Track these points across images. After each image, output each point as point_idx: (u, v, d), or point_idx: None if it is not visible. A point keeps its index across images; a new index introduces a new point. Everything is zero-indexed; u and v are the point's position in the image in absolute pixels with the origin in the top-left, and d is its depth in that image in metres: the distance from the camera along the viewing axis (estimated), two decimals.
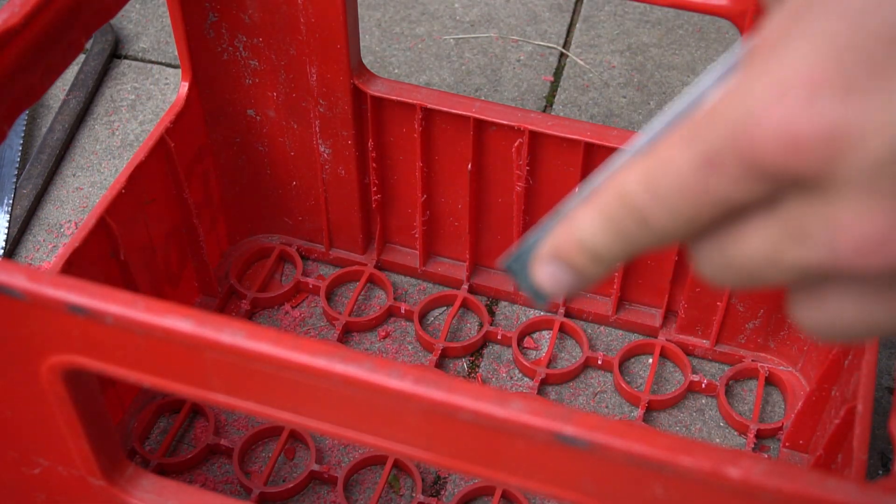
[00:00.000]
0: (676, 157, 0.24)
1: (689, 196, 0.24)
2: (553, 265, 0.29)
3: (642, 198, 0.26)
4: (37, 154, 0.82)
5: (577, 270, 0.29)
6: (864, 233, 0.23)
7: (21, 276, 0.39)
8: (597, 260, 0.28)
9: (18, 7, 0.46)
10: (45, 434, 0.47)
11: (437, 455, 0.39)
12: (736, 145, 0.23)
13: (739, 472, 0.34)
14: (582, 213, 0.28)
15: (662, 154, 0.25)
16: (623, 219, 0.26)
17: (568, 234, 0.28)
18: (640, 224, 0.26)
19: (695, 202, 0.25)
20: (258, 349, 0.38)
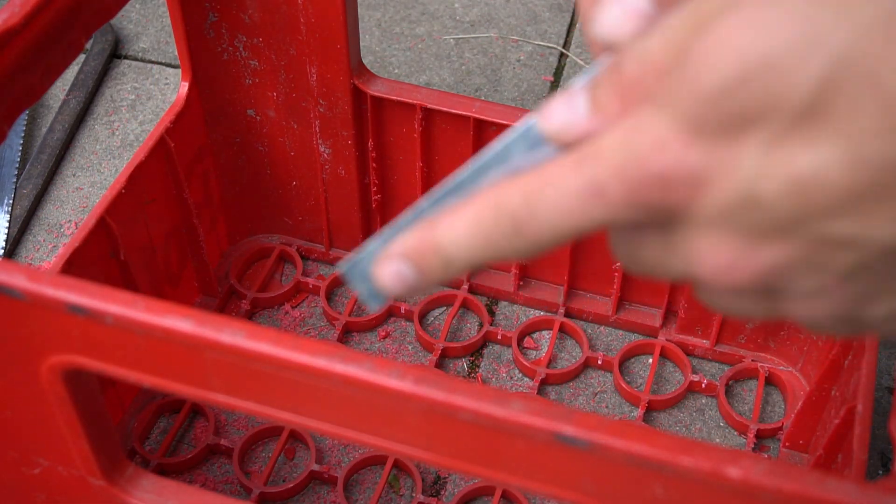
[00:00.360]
0: (564, 179, 0.28)
1: (569, 216, 0.28)
2: (400, 265, 0.32)
3: (521, 211, 0.29)
4: (37, 154, 0.82)
5: (424, 272, 0.31)
6: (715, 261, 0.28)
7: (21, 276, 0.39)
8: (448, 264, 0.31)
9: (18, 7, 0.46)
10: (45, 434, 0.47)
11: (437, 455, 0.39)
12: (623, 180, 0.27)
13: (739, 472, 0.34)
14: (448, 218, 0.30)
15: (548, 175, 0.28)
16: (495, 228, 0.29)
17: (426, 236, 0.31)
18: (513, 235, 0.29)
19: (573, 221, 0.28)
20: (258, 349, 0.38)
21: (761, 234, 0.27)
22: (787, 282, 0.28)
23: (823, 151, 0.25)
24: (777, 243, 0.27)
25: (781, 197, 0.26)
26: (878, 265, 0.27)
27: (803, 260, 0.27)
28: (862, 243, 0.26)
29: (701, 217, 0.27)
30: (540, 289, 0.73)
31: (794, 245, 0.27)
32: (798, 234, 0.26)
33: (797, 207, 0.26)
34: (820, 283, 0.27)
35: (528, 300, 0.73)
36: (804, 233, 0.26)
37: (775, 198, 0.26)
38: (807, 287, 0.28)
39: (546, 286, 0.73)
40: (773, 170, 0.26)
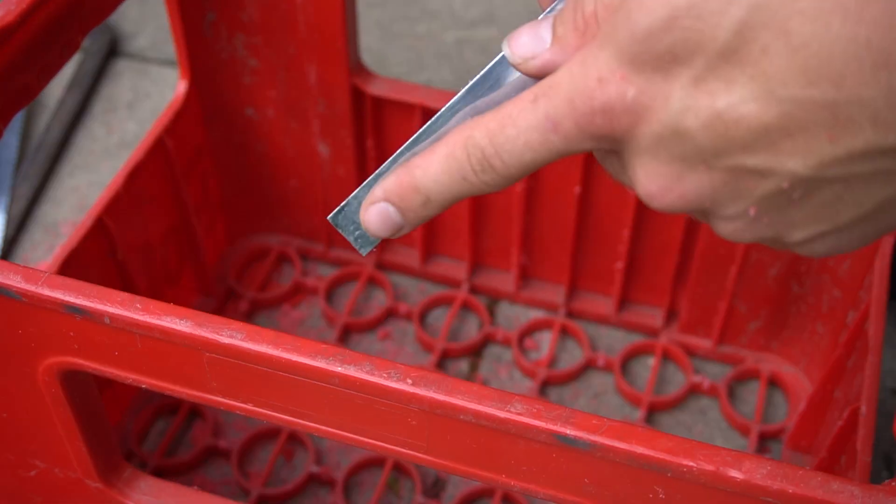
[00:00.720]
0: (523, 115, 0.31)
1: (531, 148, 0.31)
2: (384, 206, 0.34)
3: (486, 146, 0.32)
4: (34, 153, 0.82)
5: (406, 210, 0.34)
6: (650, 186, 0.31)
7: (17, 277, 0.39)
8: (427, 201, 0.34)
9: (14, 5, 0.45)
10: (41, 436, 0.47)
11: (437, 457, 0.39)
12: (574, 114, 0.30)
13: (742, 474, 0.33)
14: (423, 159, 0.33)
15: (508, 111, 0.32)
16: (465, 165, 0.33)
17: (405, 177, 0.34)
18: (482, 170, 0.32)
19: (534, 153, 0.31)
20: (257, 350, 0.37)
21: (687, 163, 0.30)
22: (713, 206, 0.31)
23: (740, 90, 0.28)
24: (700, 172, 0.30)
25: (703, 130, 0.29)
26: (793, 194, 0.29)
27: (724, 188, 0.30)
28: (776, 173, 0.29)
29: (639, 145, 0.30)
30: (541, 289, 0.73)
31: (715, 175, 0.30)
32: (718, 164, 0.29)
33: (717, 140, 0.29)
34: (741, 209, 0.30)
35: (529, 300, 0.73)
36: (724, 164, 0.29)
37: (698, 131, 0.29)
38: (730, 212, 0.31)
39: (547, 286, 0.73)
40: (697, 105, 0.28)
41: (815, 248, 0.31)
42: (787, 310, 0.66)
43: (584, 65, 0.30)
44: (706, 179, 0.30)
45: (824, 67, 0.27)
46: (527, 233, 0.70)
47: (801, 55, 0.27)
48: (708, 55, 0.28)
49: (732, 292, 0.66)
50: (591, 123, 0.30)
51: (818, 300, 0.65)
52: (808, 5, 0.26)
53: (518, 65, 0.33)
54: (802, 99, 0.27)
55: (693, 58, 0.28)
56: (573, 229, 0.68)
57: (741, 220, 0.31)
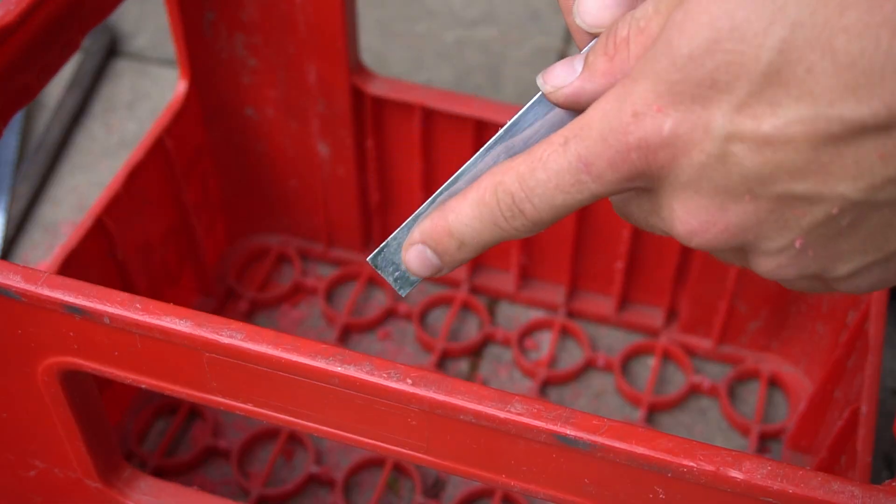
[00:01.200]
0: (553, 158, 0.30)
1: (562, 190, 0.31)
2: (422, 248, 0.34)
3: (517, 191, 0.31)
4: (33, 153, 0.82)
5: (443, 254, 0.34)
6: (691, 222, 0.30)
7: (17, 277, 0.39)
8: (462, 246, 0.34)
9: (14, 5, 0.45)
10: (41, 436, 0.47)
11: (437, 457, 0.39)
12: (607, 153, 0.29)
13: (742, 474, 0.33)
14: (456, 203, 0.33)
15: (539, 154, 0.31)
16: (496, 211, 0.32)
17: (439, 220, 0.34)
18: (514, 214, 0.32)
19: (567, 196, 0.31)
20: (257, 350, 0.37)
21: (731, 194, 0.29)
22: (757, 240, 0.30)
23: (786, 112, 0.27)
24: (745, 203, 0.29)
25: (749, 156, 0.28)
26: (842, 220, 0.28)
27: (770, 217, 0.29)
28: (825, 199, 0.28)
29: (679, 179, 0.29)
30: (541, 289, 0.73)
31: (762, 204, 0.29)
32: (765, 192, 0.28)
33: (764, 166, 0.28)
34: (787, 241, 0.29)
35: (529, 300, 0.73)
36: (771, 191, 0.28)
37: (743, 157, 0.28)
38: (775, 245, 0.30)
39: (547, 286, 0.73)
40: (742, 130, 0.28)
41: (860, 282, 0.30)
42: (787, 310, 0.66)
43: (617, 100, 0.29)
44: (751, 210, 0.29)
45: (874, 85, 0.26)
46: None
47: (848, 73, 0.26)
48: (751, 78, 0.27)
49: (733, 292, 0.66)
50: (625, 161, 0.29)
51: (818, 300, 0.65)
52: (854, 21, 0.26)
53: (549, 94, 0.32)
54: (851, 118, 0.26)
55: (735, 82, 0.27)
56: (573, 229, 0.68)
57: (786, 254, 0.30)
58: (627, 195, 0.32)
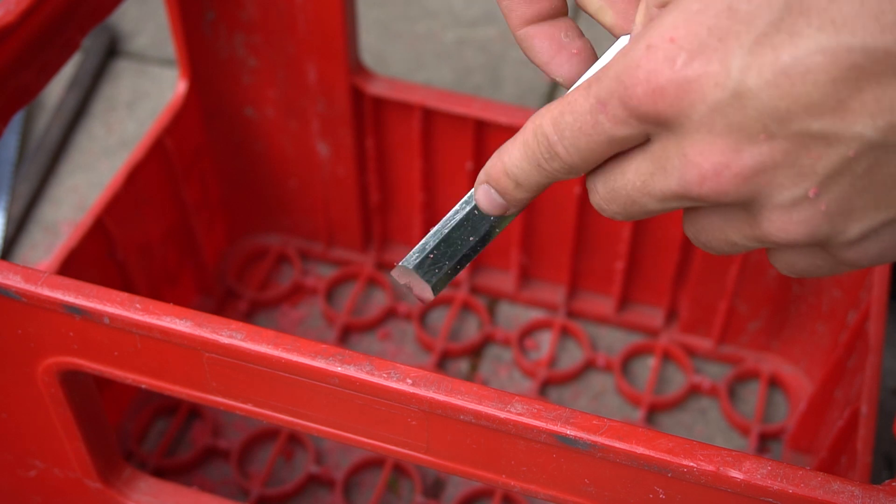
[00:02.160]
0: (578, 100, 0.31)
1: (585, 132, 0.31)
2: (485, 187, 0.35)
3: (551, 133, 0.32)
4: (33, 153, 0.82)
5: (504, 192, 0.34)
6: (703, 164, 0.28)
7: (17, 277, 0.39)
8: (518, 186, 0.34)
9: (14, 5, 0.45)
10: (41, 436, 0.47)
11: (437, 457, 0.39)
12: (618, 90, 0.29)
13: (742, 474, 0.33)
14: (509, 144, 0.34)
15: (569, 98, 0.31)
16: (537, 151, 0.33)
17: (497, 161, 0.34)
18: (551, 156, 0.32)
19: (588, 138, 0.31)
20: (257, 350, 0.37)
21: (745, 132, 0.28)
22: (770, 188, 0.28)
23: (807, 42, 0.26)
24: (761, 143, 0.28)
25: (767, 90, 0.27)
26: (859, 167, 0.27)
27: (786, 161, 0.28)
28: (842, 139, 0.27)
29: (691, 119, 0.28)
30: (541, 289, 0.73)
31: (778, 144, 0.28)
32: (781, 131, 0.27)
33: (781, 100, 0.27)
34: (801, 191, 0.28)
35: (529, 300, 0.73)
36: (787, 130, 0.27)
37: (761, 90, 0.27)
38: (788, 195, 0.28)
39: (547, 286, 0.73)
40: (760, 62, 0.27)
41: (869, 248, 0.29)
42: (787, 310, 0.66)
43: (636, 39, 0.29)
44: (766, 151, 0.28)
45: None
46: (527, 233, 0.70)
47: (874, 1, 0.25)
48: (773, 6, 0.26)
49: (733, 292, 0.66)
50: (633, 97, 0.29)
51: (818, 300, 0.65)
52: None
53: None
54: (875, 48, 0.25)
55: (757, 11, 0.27)
56: (573, 229, 0.67)
57: (799, 209, 0.29)
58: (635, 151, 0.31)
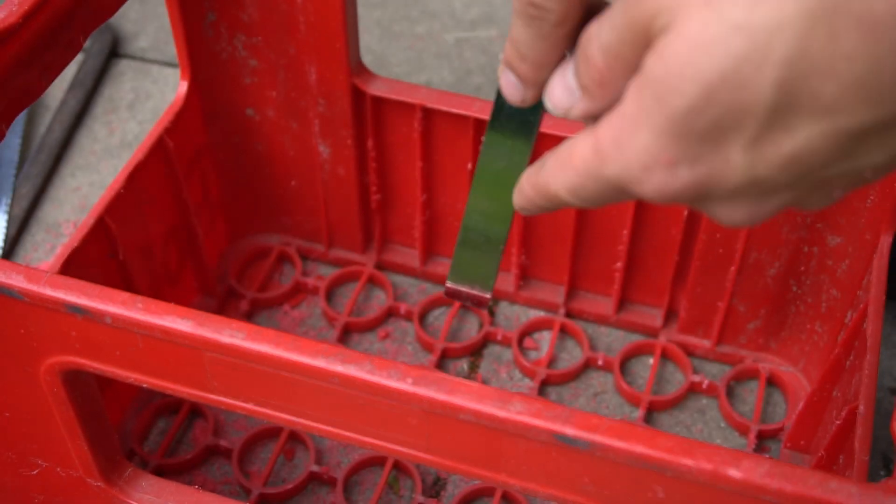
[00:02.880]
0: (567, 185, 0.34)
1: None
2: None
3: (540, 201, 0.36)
4: (35, 154, 0.82)
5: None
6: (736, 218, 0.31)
7: (20, 277, 0.39)
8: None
9: (16, 6, 0.45)
10: (43, 435, 0.47)
11: (437, 456, 0.39)
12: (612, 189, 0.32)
13: (741, 473, 0.33)
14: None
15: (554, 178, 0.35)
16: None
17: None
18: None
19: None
20: (257, 350, 0.37)
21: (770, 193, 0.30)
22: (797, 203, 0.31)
23: (804, 132, 0.27)
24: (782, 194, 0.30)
25: (781, 171, 0.28)
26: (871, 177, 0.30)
27: (811, 195, 0.30)
28: (858, 170, 0.29)
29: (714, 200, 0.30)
30: (540, 289, 0.73)
31: (797, 191, 0.30)
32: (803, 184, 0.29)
33: (796, 172, 0.29)
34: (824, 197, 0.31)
35: (529, 300, 0.73)
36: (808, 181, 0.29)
37: (775, 174, 0.28)
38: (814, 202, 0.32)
39: (546, 286, 0.73)
40: (766, 156, 0.28)
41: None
42: (785, 310, 0.67)
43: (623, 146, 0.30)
44: (788, 197, 0.30)
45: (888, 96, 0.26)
46: (526, 233, 0.70)
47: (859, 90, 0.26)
48: (758, 117, 0.27)
49: (731, 292, 0.66)
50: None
51: (817, 300, 0.65)
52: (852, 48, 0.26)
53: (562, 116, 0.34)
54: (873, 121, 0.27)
55: (743, 123, 0.27)
56: (573, 229, 0.68)
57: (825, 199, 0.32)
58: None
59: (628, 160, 0.30)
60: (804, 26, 0.26)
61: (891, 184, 0.57)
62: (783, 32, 0.26)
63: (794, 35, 0.26)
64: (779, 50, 0.26)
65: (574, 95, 0.33)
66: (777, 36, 0.26)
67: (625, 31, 0.29)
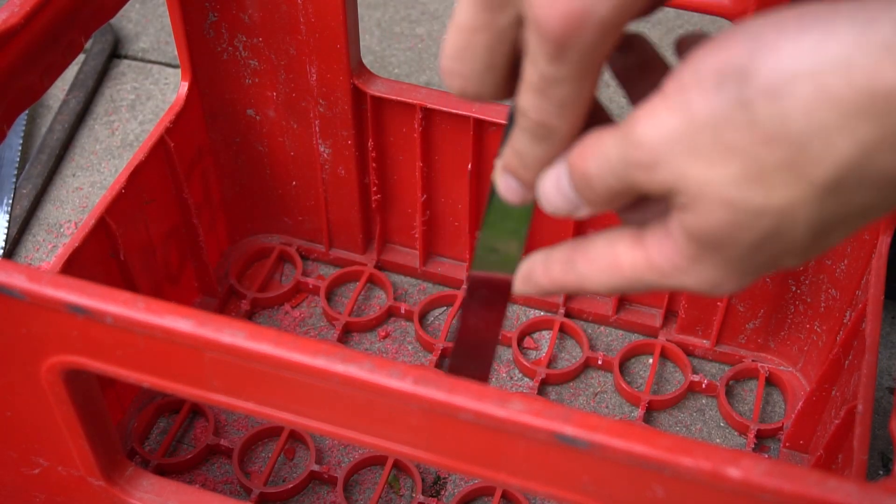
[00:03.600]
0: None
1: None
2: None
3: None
4: (37, 154, 0.82)
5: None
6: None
7: (21, 277, 0.39)
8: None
9: (18, 7, 0.46)
10: (45, 434, 0.47)
11: (438, 455, 0.39)
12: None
13: (740, 472, 0.33)
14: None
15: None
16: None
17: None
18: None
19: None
20: (258, 349, 0.38)
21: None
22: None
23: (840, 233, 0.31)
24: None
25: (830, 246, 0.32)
26: None
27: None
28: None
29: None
30: None
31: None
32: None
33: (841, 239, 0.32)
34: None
35: (528, 300, 0.73)
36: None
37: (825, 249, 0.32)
38: None
39: None
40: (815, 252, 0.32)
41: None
42: (784, 309, 0.67)
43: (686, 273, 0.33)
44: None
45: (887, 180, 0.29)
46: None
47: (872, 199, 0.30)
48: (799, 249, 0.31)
49: None
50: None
51: (816, 300, 0.65)
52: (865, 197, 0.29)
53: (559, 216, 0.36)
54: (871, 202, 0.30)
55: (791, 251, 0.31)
56: (572, 229, 0.68)
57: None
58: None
59: (694, 281, 0.33)
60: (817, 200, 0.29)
61: None
62: (800, 205, 0.29)
63: (810, 203, 0.29)
64: (801, 216, 0.30)
65: (571, 202, 0.34)
66: (797, 209, 0.29)
67: (634, 188, 0.32)
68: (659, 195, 0.32)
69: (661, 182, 0.31)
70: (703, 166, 0.30)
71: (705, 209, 0.30)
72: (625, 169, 0.31)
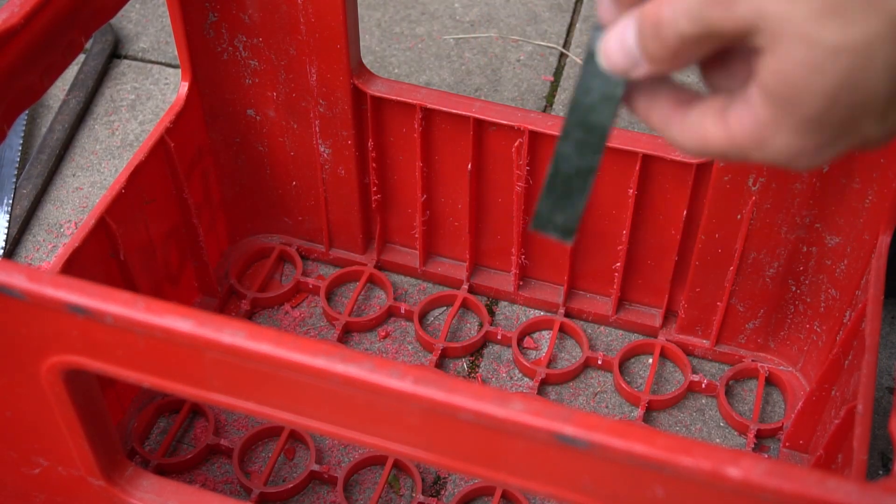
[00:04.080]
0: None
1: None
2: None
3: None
4: (37, 154, 0.82)
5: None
6: None
7: (21, 277, 0.39)
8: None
9: (18, 7, 0.46)
10: (45, 434, 0.47)
11: (437, 455, 0.39)
12: None
13: (740, 472, 0.33)
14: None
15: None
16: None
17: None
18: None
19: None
20: (258, 349, 0.38)
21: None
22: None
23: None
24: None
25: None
26: None
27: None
28: None
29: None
30: (540, 289, 0.73)
31: None
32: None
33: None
34: None
35: (528, 300, 0.73)
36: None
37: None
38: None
39: (546, 286, 0.73)
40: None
41: None
42: (784, 309, 0.67)
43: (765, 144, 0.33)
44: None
45: None
46: (526, 233, 0.70)
47: None
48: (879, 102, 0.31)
49: (730, 292, 0.66)
50: None
51: (815, 300, 0.65)
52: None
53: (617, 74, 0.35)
54: None
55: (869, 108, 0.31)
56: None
57: None
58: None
59: (774, 153, 0.33)
60: (893, 34, 0.30)
61: (889, 184, 0.57)
62: (878, 43, 0.30)
63: (889, 41, 0.30)
64: (880, 56, 0.30)
65: (634, 59, 0.34)
66: (876, 47, 0.30)
67: (709, 29, 0.32)
68: (735, 36, 0.31)
69: (738, 18, 0.31)
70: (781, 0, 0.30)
71: (783, 48, 0.31)
72: (700, 8, 0.31)
